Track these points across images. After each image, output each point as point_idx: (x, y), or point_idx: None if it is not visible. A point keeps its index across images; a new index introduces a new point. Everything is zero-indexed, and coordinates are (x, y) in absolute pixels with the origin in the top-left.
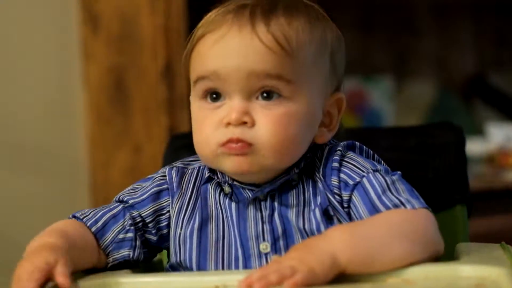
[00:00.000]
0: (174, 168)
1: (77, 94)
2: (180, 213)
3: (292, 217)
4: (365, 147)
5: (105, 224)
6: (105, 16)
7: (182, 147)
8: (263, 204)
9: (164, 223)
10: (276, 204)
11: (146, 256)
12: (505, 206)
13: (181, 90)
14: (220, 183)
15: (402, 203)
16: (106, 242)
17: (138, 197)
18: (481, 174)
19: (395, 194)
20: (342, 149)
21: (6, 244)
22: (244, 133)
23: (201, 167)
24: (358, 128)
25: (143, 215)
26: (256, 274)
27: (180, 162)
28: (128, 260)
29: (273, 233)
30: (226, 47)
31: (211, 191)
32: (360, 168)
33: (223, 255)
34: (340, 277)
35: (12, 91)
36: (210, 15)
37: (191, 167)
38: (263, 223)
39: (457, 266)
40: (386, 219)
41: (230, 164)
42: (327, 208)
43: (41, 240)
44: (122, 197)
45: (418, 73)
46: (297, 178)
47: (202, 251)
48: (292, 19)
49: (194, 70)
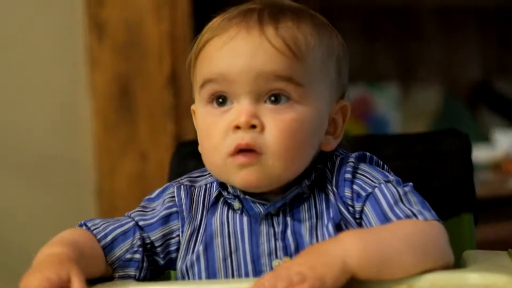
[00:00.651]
0: (182, 187)
1: (83, 101)
2: (191, 240)
3: (305, 233)
4: (375, 157)
5: (114, 239)
6: (110, 23)
7: (189, 154)
8: (275, 219)
9: (174, 247)
10: (289, 220)
11: (153, 274)
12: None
13: (187, 97)
14: (228, 202)
15: (414, 214)
16: (113, 258)
17: (148, 219)
18: (488, 181)
19: (407, 205)
20: (354, 160)
21: (12, 251)
22: (253, 138)
23: (207, 185)
24: (364, 135)
25: (152, 238)
26: (265, 283)
27: (186, 178)
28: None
29: (286, 250)
30: (234, 49)
31: (218, 211)
32: (372, 179)
33: (232, 272)
34: (347, 284)
35: (19, 99)
36: (216, 20)
37: (197, 184)
38: (275, 239)
39: (464, 273)
40: (398, 228)
41: (239, 178)
42: (339, 222)
43: (51, 250)
44: (133, 215)
45: (424, 80)
46: (308, 191)
47: (210, 272)
48: (300, 23)
49: (200, 73)
